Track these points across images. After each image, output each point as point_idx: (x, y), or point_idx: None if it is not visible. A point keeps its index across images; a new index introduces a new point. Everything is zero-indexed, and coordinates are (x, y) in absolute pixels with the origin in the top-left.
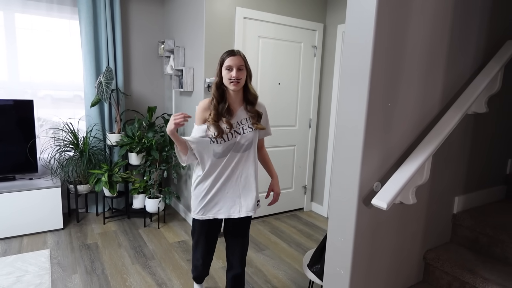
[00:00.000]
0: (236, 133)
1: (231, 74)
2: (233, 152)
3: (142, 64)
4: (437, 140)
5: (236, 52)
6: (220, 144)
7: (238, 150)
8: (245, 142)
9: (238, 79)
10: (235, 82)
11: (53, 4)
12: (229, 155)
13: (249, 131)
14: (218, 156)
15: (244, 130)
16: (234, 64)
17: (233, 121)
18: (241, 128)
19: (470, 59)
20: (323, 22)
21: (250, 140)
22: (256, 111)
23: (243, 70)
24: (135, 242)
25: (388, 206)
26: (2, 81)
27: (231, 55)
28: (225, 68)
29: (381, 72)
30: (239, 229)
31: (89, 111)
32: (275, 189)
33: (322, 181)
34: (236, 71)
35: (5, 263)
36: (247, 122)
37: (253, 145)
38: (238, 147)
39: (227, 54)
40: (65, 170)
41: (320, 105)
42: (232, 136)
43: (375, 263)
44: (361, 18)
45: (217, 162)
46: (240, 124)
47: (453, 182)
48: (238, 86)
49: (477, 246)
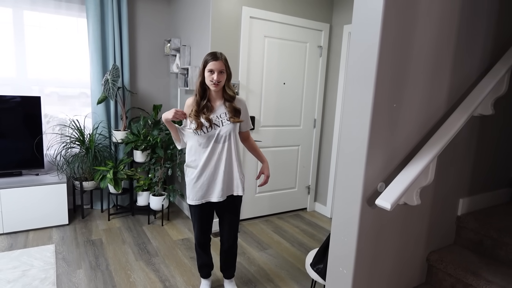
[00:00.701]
0: (215, 125)
1: (213, 77)
2: (214, 143)
3: (148, 63)
4: (442, 141)
5: (218, 56)
6: (201, 136)
7: (219, 141)
8: (224, 133)
9: (219, 81)
10: (216, 84)
11: (62, 2)
12: (211, 145)
13: (227, 124)
14: (202, 146)
15: (222, 123)
16: (216, 68)
17: (212, 116)
18: (220, 121)
19: (476, 61)
20: (329, 23)
21: (229, 132)
22: (233, 107)
23: (224, 73)
24: (139, 239)
25: (392, 206)
26: (10, 77)
27: (214, 60)
28: (207, 70)
29: (387, 73)
30: (229, 208)
31: (95, 109)
32: (265, 171)
33: (325, 181)
34: (217, 74)
35: (11, 257)
36: (225, 116)
37: (232, 136)
38: (218, 138)
39: (211, 57)
40: (71, 166)
41: (325, 105)
42: (212, 128)
43: (378, 263)
44: (368, 19)
45: (203, 152)
46: (219, 118)
47: (457, 184)
48: (218, 87)
49: (481, 248)
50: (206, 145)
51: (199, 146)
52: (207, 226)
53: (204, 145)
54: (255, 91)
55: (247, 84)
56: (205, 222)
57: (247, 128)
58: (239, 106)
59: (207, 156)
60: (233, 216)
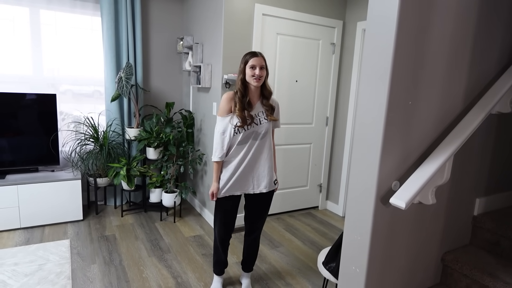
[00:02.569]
0: (254, 123)
1: (255, 72)
2: (252, 140)
3: (161, 60)
4: (459, 139)
5: (258, 53)
6: (241, 133)
7: (256, 138)
8: (262, 131)
9: (261, 76)
10: (258, 79)
11: (76, 1)
12: (249, 142)
13: (265, 122)
14: (239, 144)
15: (261, 121)
16: (257, 63)
17: (253, 113)
18: (259, 119)
19: (494, 58)
20: (342, 19)
21: (266, 130)
22: (270, 105)
23: (264, 69)
24: (152, 235)
25: (407, 205)
26: (27, 75)
27: (255, 56)
28: (249, 66)
29: (402, 69)
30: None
31: (109, 106)
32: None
33: (338, 179)
34: (259, 69)
35: (28, 251)
36: (263, 114)
37: (268, 134)
38: (256, 135)
39: (251, 55)
40: (85, 163)
41: (337, 103)
42: (251, 126)
43: (391, 262)
44: (383, 15)
45: (240, 149)
46: (258, 116)
47: (474, 183)
48: (259, 82)
49: (498, 249)
50: (245, 141)
51: (238, 142)
52: (231, 220)
53: (242, 142)
54: None
55: None
56: (230, 216)
57: (277, 127)
58: (274, 105)
59: (244, 152)
60: (263, 211)
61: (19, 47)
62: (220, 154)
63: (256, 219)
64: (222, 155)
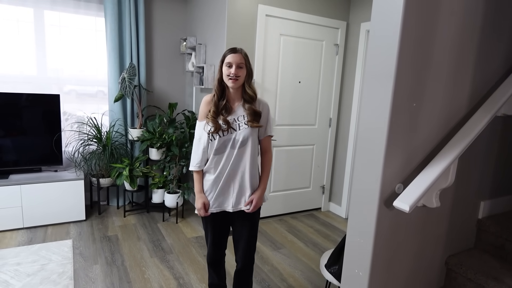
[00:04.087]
0: (232, 129)
1: (230, 71)
2: (230, 149)
3: (164, 61)
4: (464, 142)
5: (237, 49)
6: (216, 140)
7: (235, 147)
8: (240, 138)
9: (237, 76)
10: (234, 79)
11: (80, 2)
12: (227, 151)
13: (245, 128)
14: (218, 152)
15: (240, 127)
16: (234, 61)
17: (230, 118)
18: (237, 124)
19: (501, 59)
20: (346, 20)
21: (246, 137)
22: (252, 109)
23: (243, 68)
24: (154, 235)
25: (411, 208)
26: (31, 76)
27: (232, 52)
28: (225, 64)
29: (407, 71)
30: (241, 224)
31: (112, 106)
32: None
33: (340, 181)
34: (235, 68)
35: (30, 251)
36: (244, 119)
37: (249, 142)
38: (234, 143)
39: (229, 51)
40: (88, 163)
41: (340, 104)
42: (228, 132)
43: (395, 266)
44: (388, 15)
45: (219, 158)
46: (237, 121)
47: (479, 186)
48: (236, 83)
49: (502, 253)
50: (222, 150)
51: (214, 151)
52: (220, 239)
53: (219, 151)
54: (270, 90)
55: (263, 82)
56: (218, 235)
57: (265, 135)
58: (261, 109)
59: (223, 163)
60: (247, 232)
61: (23, 48)
62: (196, 162)
63: (241, 245)
64: (199, 163)
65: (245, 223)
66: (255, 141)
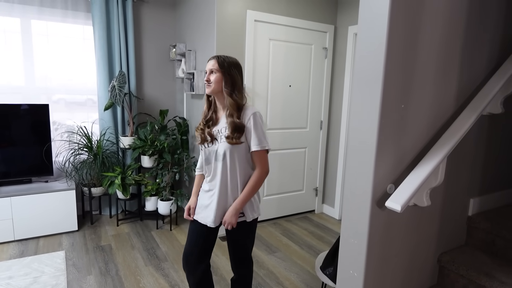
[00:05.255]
0: (216, 140)
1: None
2: (215, 161)
3: (154, 68)
4: (452, 141)
5: (215, 56)
6: (203, 150)
7: (218, 159)
8: (221, 151)
9: (209, 82)
10: (207, 84)
11: (68, 11)
12: (212, 163)
13: (223, 142)
14: (205, 163)
15: (221, 139)
16: (207, 67)
17: (215, 129)
18: (220, 136)
19: (485, 60)
20: (333, 24)
21: (224, 151)
22: (233, 122)
23: (217, 73)
24: (148, 244)
25: (402, 208)
26: (20, 86)
27: (210, 59)
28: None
29: (394, 73)
30: (229, 236)
31: (103, 115)
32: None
33: (333, 183)
34: (208, 73)
35: (22, 264)
36: (224, 132)
37: (230, 156)
38: (217, 156)
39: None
40: (79, 173)
41: (331, 107)
42: (212, 144)
43: (389, 265)
44: (374, 19)
45: (208, 169)
46: (220, 133)
47: (468, 184)
48: (209, 89)
49: (493, 249)
50: (209, 161)
51: (204, 161)
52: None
53: (207, 162)
54: (261, 94)
55: (253, 87)
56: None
57: (252, 148)
58: (244, 120)
59: (211, 174)
60: (235, 242)
61: (10, 58)
62: (198, 166)
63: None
64: (199, 168)
65: (233, 234)
66: (241, 154)
